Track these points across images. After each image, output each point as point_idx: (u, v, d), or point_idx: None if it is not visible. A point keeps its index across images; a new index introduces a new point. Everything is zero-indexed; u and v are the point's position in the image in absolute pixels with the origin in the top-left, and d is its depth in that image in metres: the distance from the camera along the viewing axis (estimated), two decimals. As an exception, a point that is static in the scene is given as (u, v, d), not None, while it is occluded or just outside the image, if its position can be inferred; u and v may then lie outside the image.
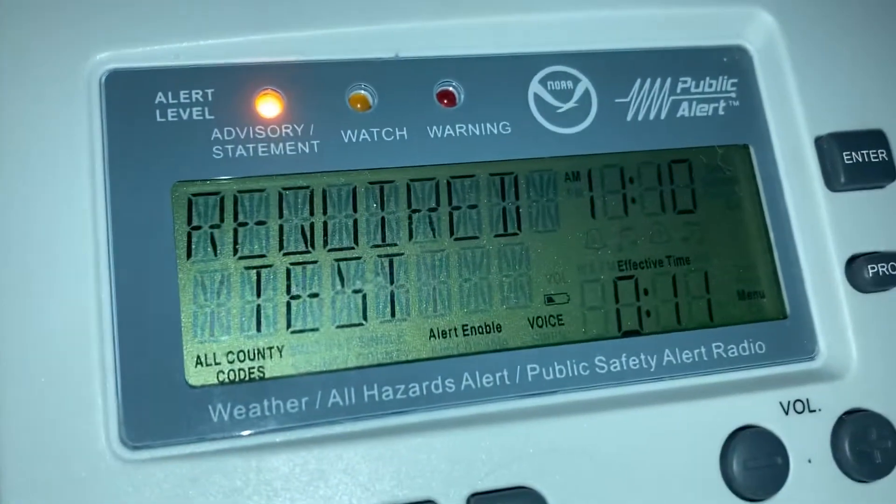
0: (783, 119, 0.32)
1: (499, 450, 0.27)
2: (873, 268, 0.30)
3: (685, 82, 0.32)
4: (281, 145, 0.29)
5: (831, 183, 0.31)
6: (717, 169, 0.32)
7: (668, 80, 0.32)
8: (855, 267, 0.30)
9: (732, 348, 0.30)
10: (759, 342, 0.30)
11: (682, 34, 0.32)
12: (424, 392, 0.28)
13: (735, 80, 0.33)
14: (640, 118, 0.32)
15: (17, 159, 0.26)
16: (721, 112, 0.32)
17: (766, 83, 0.32)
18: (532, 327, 0.29)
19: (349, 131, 0.29)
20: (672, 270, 0.31)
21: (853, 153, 0.31)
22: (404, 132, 0.30)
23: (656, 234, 0.31)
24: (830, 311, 0.30)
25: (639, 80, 0.32)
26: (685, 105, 0.32)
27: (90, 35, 0.28)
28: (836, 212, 0.31)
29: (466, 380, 0.28)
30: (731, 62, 0.33)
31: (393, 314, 0.28)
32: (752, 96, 0.33)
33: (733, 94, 0.32)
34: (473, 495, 0.26)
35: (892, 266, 0.30)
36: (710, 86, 0.32)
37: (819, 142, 0.31)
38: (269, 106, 0.29)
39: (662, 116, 0.32)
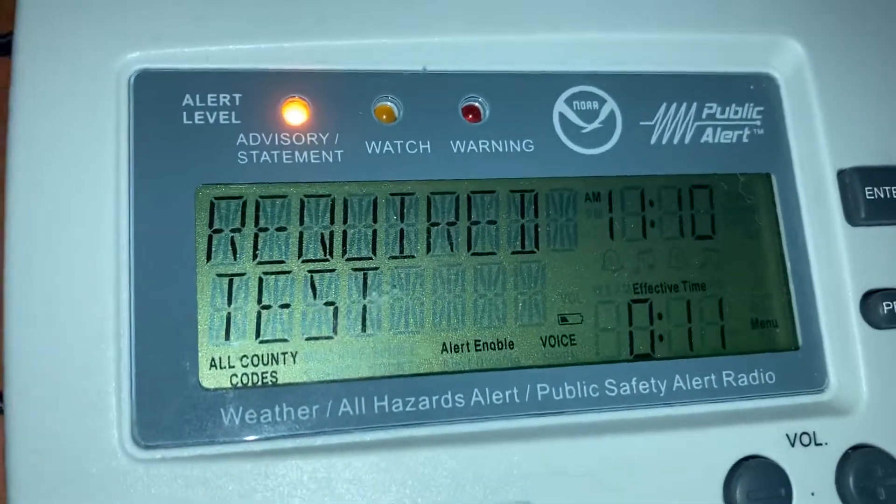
0: (807, 150, 0.32)
1: (505, 467, 0.27)
2: (888, 304, 0.30)
3: (711, 108, 0.32)
4: (305, 153, 0.29)
5: (851, 217, 0.31)
6: (738, 197, 0.32)
7: (694, 105, 0.32)
8: (870, 302, 0.30)
9: (742, 377, 0.30)
10: (769, 372, 0.30)
11: (710, 59, 0.32)
12: (434, 406, 0.28)
13: (761, 109, 0.33)
14: (663, 142, 0.32)
15: (45, 153, 0.27)
16: (745, 140, 0.32)
17: (791, 113, 0.32)
18: (544, 346, 0.30)
19: (373, 142, 0.29)
20: (687, 296, 0.31)
21: (875, 188, 0.31)
22: (428, 146, 0.30)
23: (673, 258, 0.31)
24: (843, 346, 0.30)
25: (664, 104, 0.32)
26: (710, 131, 0.32)
27: (122, 34, 0.28)
28: (854, 246, 0.31)
29: (476, 396, 0.28)
30: (758, 90, 0.33)
31: (407, 326, 0.29)
32: (777, 125, 0.33)
33: (758, 122, 0.32)
34: (483, 511, 0.27)
35: (908, 304, 0.30)
36: (736, 113, 0.32)
37: (841, 175, 0.31)
38: (295, 113, 0.29)
39: (686, 141, 0.32)
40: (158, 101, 0.28)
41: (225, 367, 0.27)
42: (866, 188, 0.31)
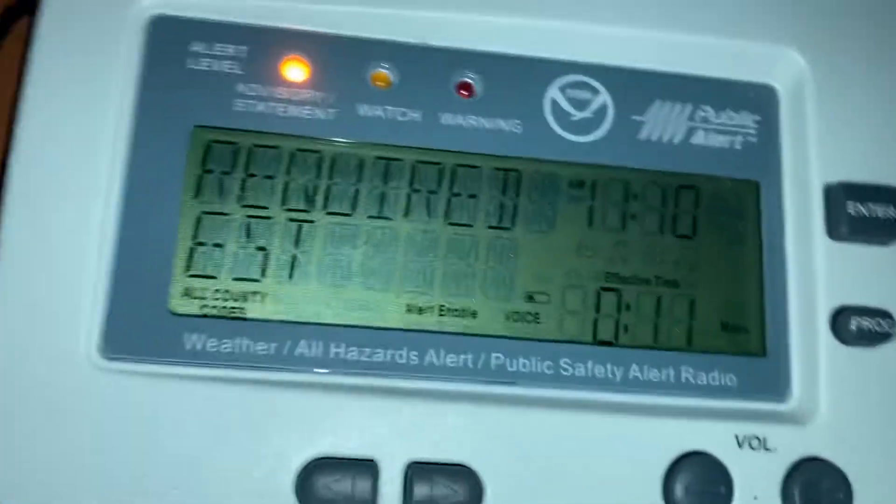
0: (798, 161, 0.32)
1: (446, 426, 0.28)
2: (857, 321, 0.30)
3: (705, 111, 0.33)
4: (300, 109, 0.30)
5: (833, 232, 0.31)
6: (723, 200, 0.32)
7: (689, 107, 0.33)
8: (841, 318, 0.30)
9: (702, 375, 0.30)
10: (730, 374, 0.30)
11: (710, 64, 0.33)
12: (388, 359, 0.29)
13: (758, 118, 0.33)
14: (653, 138, 0.32)
15: (60, 84, 0.29)
16: (737, 146, 0.32)
17: (788, 124, 0.33)
18: (507, 320, 0.30)
19: (366, 105, 0.31)
20: (658, 291, 0.31)
21: (859, 205, 0.31)
22: (418, 115, 0.31)
23: (650, 253, 0.31)
24: (809, 358, 0.30)
25: (658, 101, 0.32)
26: (701, 133, 0.32)
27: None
28: (833, 260, 0.31)
29: (431, 356, 0.29)
30: (757, 99, 0.33)
31: (376, 283, 0.30)
32: (771, 135, 0.33)
33: (753, 131, 0.33)
34: (413, 463, 0.27)
35: (878, 323, 0.30)
36: (731, 119, 0.33)
37: (828, 189, 0.31)
38: (294, 70, 0.31)
39: (676, 140, 0.32)
40: (168, 45, 0.30)
41: (197, 298, 0.29)
42: (850, 203, 0.31)
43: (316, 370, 0.28)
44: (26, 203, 0.28)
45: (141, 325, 0.28)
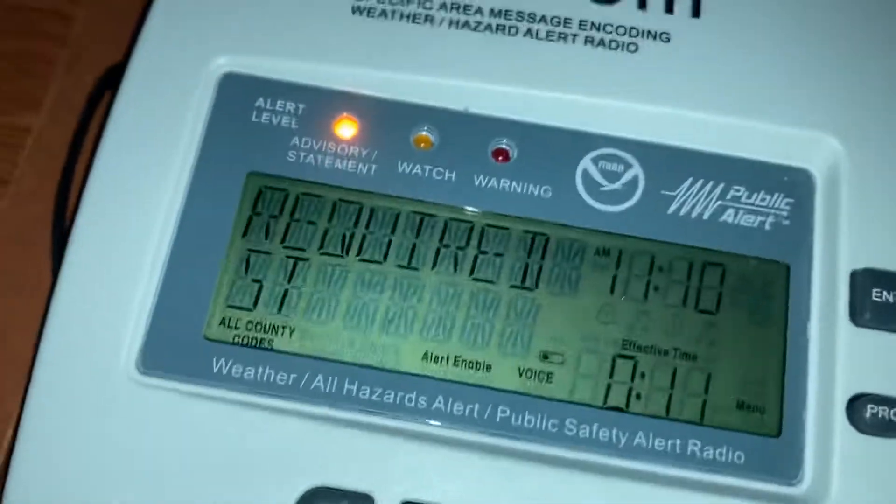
0: (827, 246, 0.32)
1: (444, 471, 0.29)
2: (875, 409, 0.29)
3: (738, 191, 0.33)
4: (346, 163, 0.33)
5: (856, 317, 0.30)
6: (750, 279, 0.32)
7: (721, 185, 0.33)
8: (858, 405, 0.29)
9: (709, 450, 0.30)
10: (739, 452, 0.30)
11: (747, 145, 0.33)
12: (396, 401, 0.30)
13: (791, 201, 0.33)
14: (681, 213, 0.33)
15: (135, 126, 0.33)
16: (767, 227, 0.33)
17: (822, 209, 0.33)
18: (520, 376, 0.31)
19: (406, 164, 0.33)
20: (675, 363, 0.32)
21: (885, 292, 0.30)
22: (453, 175, 0.33)
23: (670, 325, 0.32)
24: (823, 442, 0.30)
25: (690, 179, 0.33)
26: (731, 212, 0.33)
27: (218, 40, 0.34)
28: (854, 346, 0.30)
29: (439, 402, 0.30)
30: (792, 183, 0.33)
31: (397, 329, 0.31)
32: (804, 218, 0.33)
33: (785, 213, 0.33)
34: (407, 502, 0.29)
35: (895, 413, 0.29)
36: (763, 200, 0.33)
37: (854, 275, 0.31)
38: (345, 128, 0.33)
39: (705, 217, 0.33)
40: (235, 99, 0.34)
41: (231, 327, 0.31)
42: (875, 290, 0.30)
43: (327, 404, 0.30)
44: (93, 229, 0.31)
45: (176, 346, 0.31)
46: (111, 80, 0.40)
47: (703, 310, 0.32)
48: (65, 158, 0.40)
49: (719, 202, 0.33)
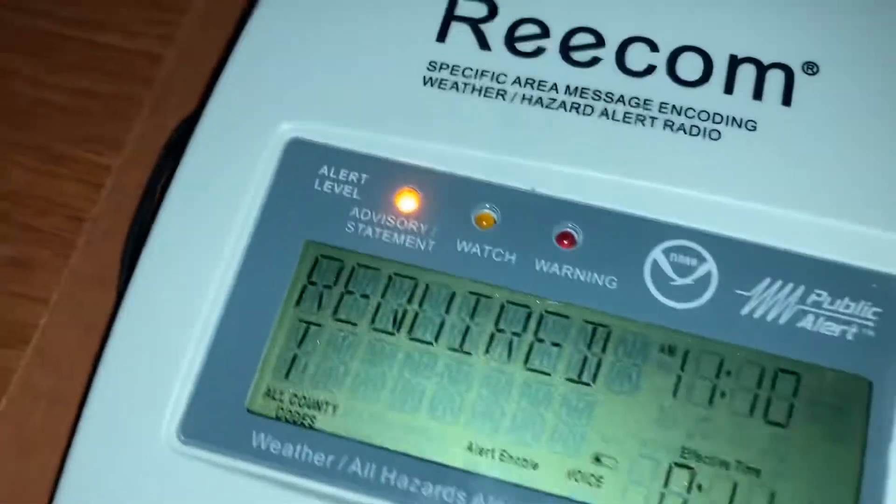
0: (916, 364, 0.29)
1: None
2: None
3: (819, 295, 0.31)
4: (404, 237, 0.32)
5: (942, 445, 0.28)
6: (826, 393, 0.30)
7: (801, 288, 0.31)
8: (938, 547, 0.27)
9: (766, 579, 0.28)
10: (799, 583, 0.28)
11: (832, 246, 0.31)
12: (436, 495, 0.29)
13: (879, 311, 0.30)
14: (755, 315, 0.31)
15: (200, 186, 0.33)
16: (849, 337, 0.30)
17: (912, 322, 0.30)
18: (569, 479, 0.30)
19: (465, 242, 0.32)
20: (737, 477, 0.29)
21: (976, 423, 0.27)
22: (513, 257, 0.32)
23: (735, 435, 0.30)
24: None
25: (768, 279, 0.31)
26: (811, 318, 0.31)
27: (289, 103, 0.34)
28: (938, 479, 0.28)
29: (479, 500, 0.29)
30: (881, 290, 0.31)
31: (443, 415, 0.30)
32: (892, 331, 0.30)
33: (870, 324, 0.30)
34: None
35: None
36: (847, 307, 0.31)
37: (943, 399, 0.28)
38: (406, 201, 0.33)
39: (781, 321, 0.31)
40: (299, 165, 0.33)
41: (275, 399, 0.31)
42: (965, 419, 0.27)
43: (361, 490, 0.29)
44: (148, 285, 0.31)
45: (218, 416, 0.30)
46: (185, 131, 0.40)
47: (772, 421, 0.30)
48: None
49: (798, 306, 0.31)
